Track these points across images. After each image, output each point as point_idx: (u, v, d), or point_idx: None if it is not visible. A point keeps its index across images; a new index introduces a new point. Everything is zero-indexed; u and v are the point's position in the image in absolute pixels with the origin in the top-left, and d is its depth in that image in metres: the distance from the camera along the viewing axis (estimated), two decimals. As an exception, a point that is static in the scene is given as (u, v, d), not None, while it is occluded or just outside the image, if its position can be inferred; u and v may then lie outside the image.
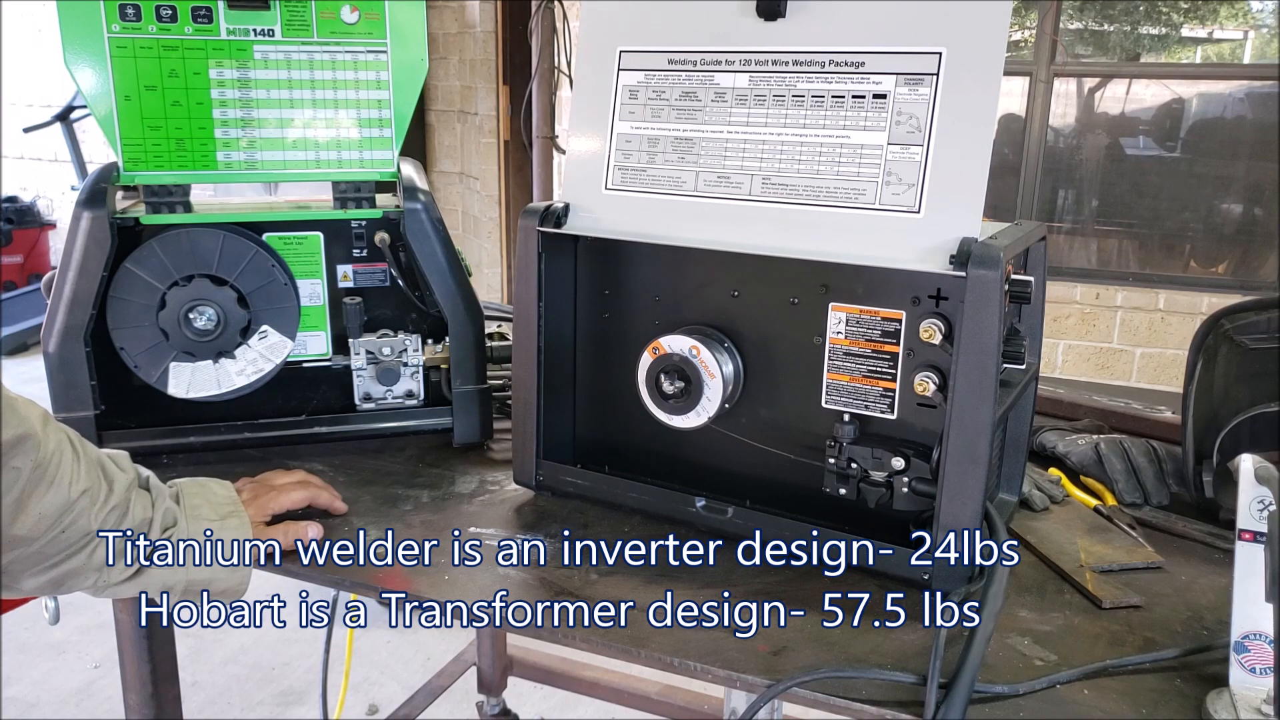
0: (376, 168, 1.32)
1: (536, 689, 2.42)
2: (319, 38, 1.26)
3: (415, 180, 1.31)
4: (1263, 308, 1.15)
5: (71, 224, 1.20)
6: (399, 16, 1.27)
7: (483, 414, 1.35)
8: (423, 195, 1.29)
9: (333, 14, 1.25)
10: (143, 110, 1.22)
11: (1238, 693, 0.83)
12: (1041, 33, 4.21)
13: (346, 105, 1.29)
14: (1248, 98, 4.23)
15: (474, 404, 1.34)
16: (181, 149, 1.24)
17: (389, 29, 1.27)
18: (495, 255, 5.15)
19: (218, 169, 1.27)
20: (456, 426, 1.34)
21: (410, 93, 1.31)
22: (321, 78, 1.27)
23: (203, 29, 1.22)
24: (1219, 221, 4.31)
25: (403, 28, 1.28)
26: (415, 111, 1.31)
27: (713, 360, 1.07)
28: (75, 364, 1.21)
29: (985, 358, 0.92)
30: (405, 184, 1.30)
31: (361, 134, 1.30)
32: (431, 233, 1.29)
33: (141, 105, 1.22)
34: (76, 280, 1.19)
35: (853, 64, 1.00)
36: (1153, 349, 4.08)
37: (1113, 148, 4.47)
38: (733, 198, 1.05)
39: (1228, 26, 5.15)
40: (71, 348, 1.20)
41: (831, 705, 0.85)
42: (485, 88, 5.09)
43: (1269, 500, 0.81)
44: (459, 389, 1.33)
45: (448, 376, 1.35)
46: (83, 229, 1.18)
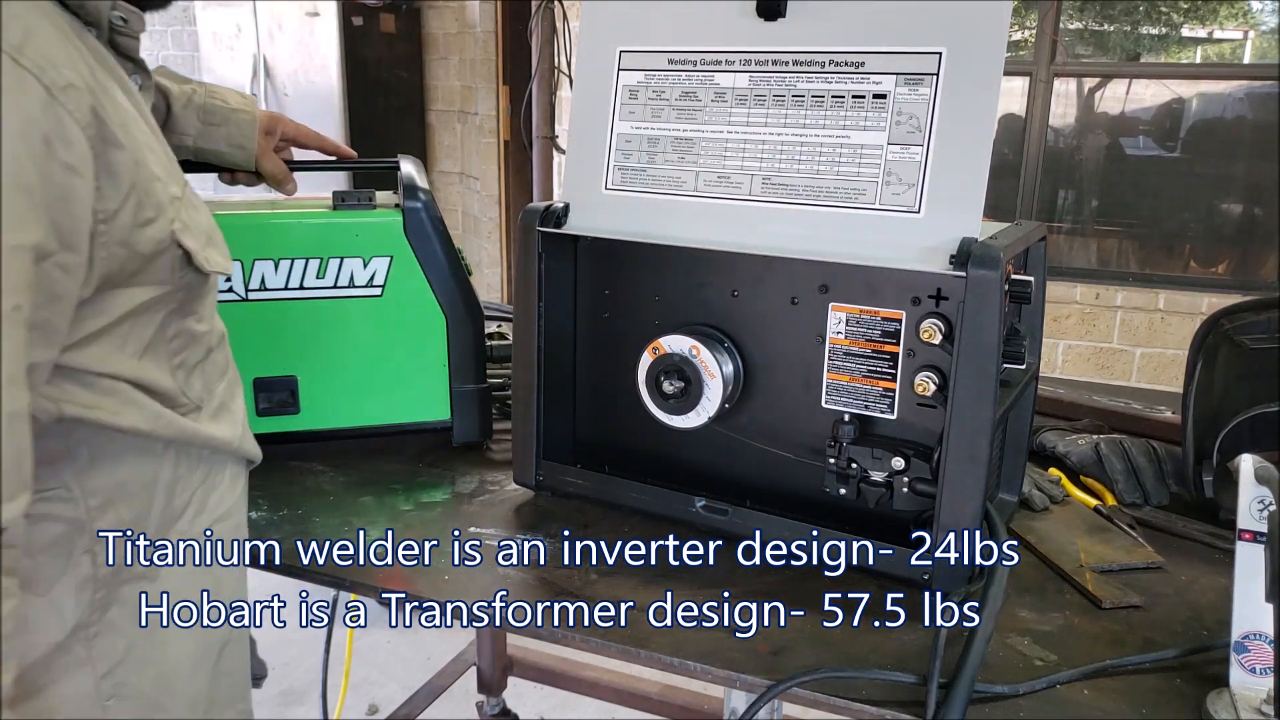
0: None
1: (536, 689, 2.42)
2: None
3: (415, 179, 1.31)
4: (1263, 308, 1.15)
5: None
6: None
7: (482, 413, 1.35)
8: (423, 194, 1.29)
9: None
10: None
11: (1238, 693, 0.83)
12: (1041, 33, 4.21)
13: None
14: (1248, 98, 4.23)
15: (473, 403, 1.34)
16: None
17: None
18: (495, 255, 5.15)
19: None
20: (456, 426, 1.34)
21: None
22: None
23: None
24: (1219, 221, 4.30)
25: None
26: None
27: (713, 360, 1.07)
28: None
29: (985, 358, 0.92)
30: (405, 182, 1.30)
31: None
32: (431, 232, 1.29)
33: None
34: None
35: (853, 64, 1.00)
36: (1153, 349, 4.08)
37: (1113, 148, 4.47)
38: (733, 198, 1.05)
39: (1228, 26, 5.14)
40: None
41: (831, 705, 0.85)
42: (485, 88, 5.09)
43: (1269, 500, 0.81)
44: (458, 388, 1.33)
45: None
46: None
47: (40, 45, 0.66)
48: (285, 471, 1.27)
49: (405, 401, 1.34)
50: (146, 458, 0.81)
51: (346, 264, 1.28)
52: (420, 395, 1.34)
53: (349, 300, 1.29)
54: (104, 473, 0.78)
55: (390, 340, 1.32)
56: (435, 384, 1.34)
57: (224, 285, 1.23)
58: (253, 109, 1.27)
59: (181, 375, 0.83)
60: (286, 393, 1.30)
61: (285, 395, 1.30)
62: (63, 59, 0.68)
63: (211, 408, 0.87)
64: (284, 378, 1.29)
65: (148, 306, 0.78)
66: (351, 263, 1.28)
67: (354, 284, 1.29)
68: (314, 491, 1.23)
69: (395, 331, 1.31)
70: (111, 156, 0.71)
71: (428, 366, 1.33)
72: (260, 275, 1.25)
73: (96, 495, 0.77)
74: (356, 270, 1.28)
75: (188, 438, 0.83)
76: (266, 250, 1.25)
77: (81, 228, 0.69)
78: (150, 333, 0.79)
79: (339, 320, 1.30)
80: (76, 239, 0.69)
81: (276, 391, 1.29)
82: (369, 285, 1.29)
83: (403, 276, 1.29)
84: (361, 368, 1.32)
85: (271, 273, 1.26)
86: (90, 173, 0.69)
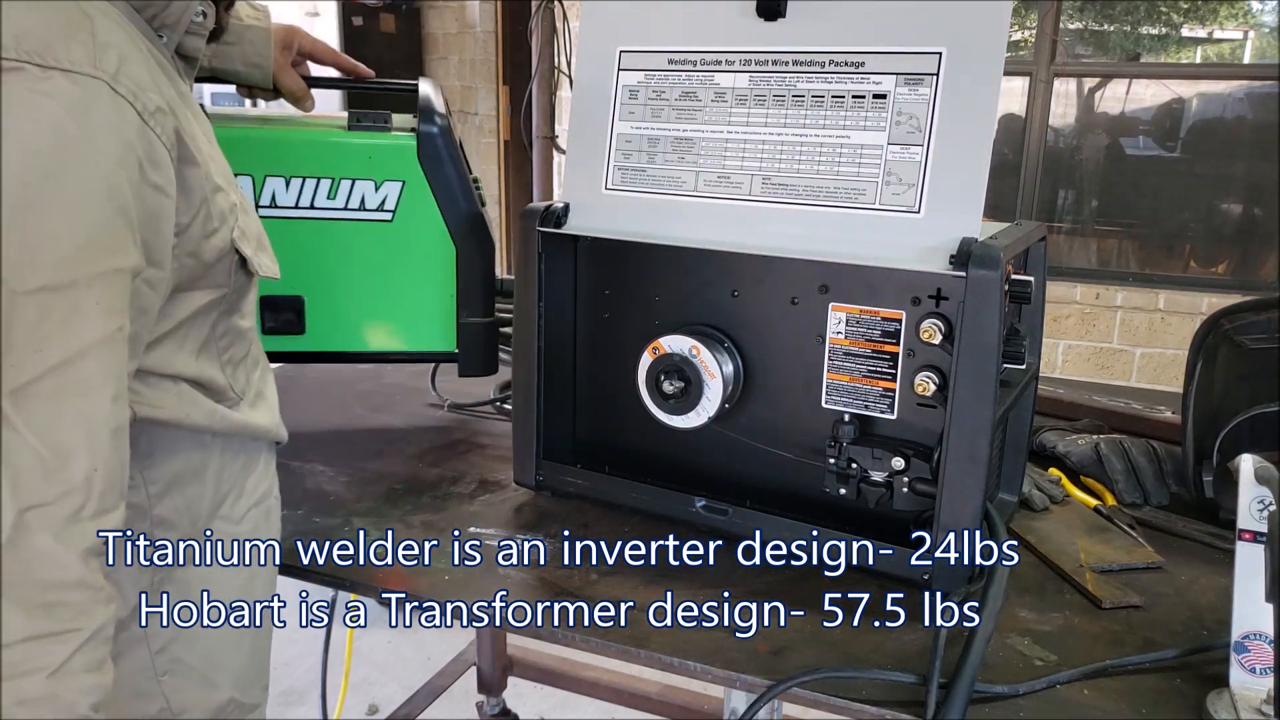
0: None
1: (536, 689, 2.42)
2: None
3: (433, 102, 1.27)
4: (1263, 308, 1.15)
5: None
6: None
7: (488, 347, 1.32)
8: (439, 118, 1.26)
9: None
10: None
11: (1238, 693, 0.83)
12: (1041, 33, 4.21)
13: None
14: (1248, 98, 4.23)
15: (480, 336, 1.31)
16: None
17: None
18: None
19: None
20: (461, 359, 1.32)
21: None
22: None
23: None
24: (1219, 221, 4.31)
25: None
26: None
27: (713, 360, 1.07)
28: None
29: (985, 358, 0.92)
30: (422, 105, 1.27)
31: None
32: (446, 158, 1.26)
33: None
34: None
35: (853, 64, 1.00)
36: (1153, 349, 4.08)
37: (1113, 148, 4.47)
38: (733, 198, 1.05)
39: (1228, 26, 5.14)
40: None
41: (831, 705, 0.85)
42: (485, 88, 5.10)
43: (1269, 500, 0.81)
44: (465, 320, 1.30)
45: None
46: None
47: (132, 70, 0.69)
48: (285, 471, 1.27)
49: (411, 330, 1.33)
50: (198, 449, 0.85)
51: (358, 186, 1.26)
52: (426, 325, 1.32)
53: (359, 224, 1.27)
54: (162, 463, 0.82)
55: (399, 267, 1.29)
56: (442, 314, 1.32)
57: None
58: (266, 22, 1.23)
59: (229, 370, 0.87)
60: (292, 313, 1.28)
61: (291, 315, 1.28)
62: (149, 82, 0.71)
63: (250, 396, 0.90)
64: (290, 297, 1.28)
65: (205, 309, 0.81)
66: (363, 185, 1.26)
67: (365, 207, 1.27)
68: (314, 491, 1.23)
69: (404, 259, 1.29)
70: (187, 173, 0.74)
71: (435, 296, 1.31)
72: (271, 192, 1.24)
73: (156, 483, 0.81)
74: (368, 193, 1.26)
75: (238, 429, 0.87)
76: (278, 167, 1.24)
77: (166, 244, 0.72)
78: (205, 333, 0.83)
79: (348, 243, 1.28)
80: (163, 255, 0.72)
81: (282, 311, 1.28)
82: (380, 210, 1.27)
83: (414, 203, 1.27)
84: (368, 293, 1.30)
85: (282, 190, 1.24)
86: (174, 191, 0.72)
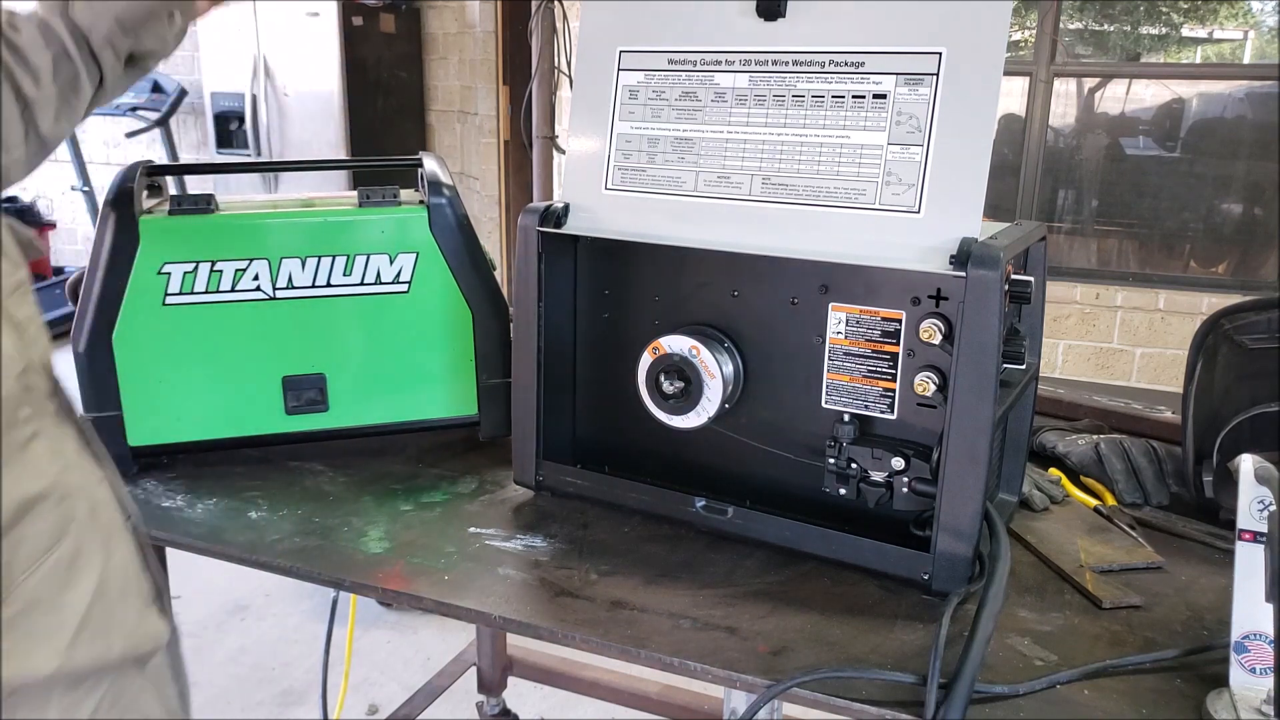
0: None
1: (536, 689, 2.42)
2: None
3: (440, 175, 1.31)
4: (1263, 308, 1.15)
5: (100, 223, 1.21)
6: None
7: (509, 407, 1.33)
8: (447, 190, 1.30)
9: None
10: None
11: (1238, 693, 0.83)
12: (1041, 33, 4.21)
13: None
14: (1248, 98, 4.23)
15: (501, 398, 1.33)
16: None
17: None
18: (495, 255, 5.16)
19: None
20: (483, 421, 1.34)
21: None
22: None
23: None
24: (1219, 221, 4.31)
25: None
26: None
27: (713, 360, 1.07)
28: (105, 363, 1.21)
29: (985, 358, 0.92)
30: (430, 178, 1.30)
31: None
32: (456, 227, 1.29)
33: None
34: (105, 279, 1.20)
35: (853, 64, 1.00)
36: (1153, 349, 4.08)
37: (1113, 148, 4.47)
38: (733, 198, 1.05)
39: (1228, 26, 5.15)
40: (101, 346, 1.21)
41: (831, 705, 0.85)
42: (485, 88, 5.09)
43: (1269, 500, 0.81)
44: (485, 383, 1.33)
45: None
46: (110, 227, 1.20)
47: None
48: (285, 471, 1.28)
49: (433, 398, 1.34)
50: None
51: (373, 260, 1.28)
52: (448, 391, 1.34)
53: (376, 297, 1.29)
54: None
55: (417, 336, 1.32)
56: (463, 379, 1.34)
57: (252, 284, 1.24)
58: None
59: None
60: (315, 391, 1.30)
61: (314, 393, 1.30)
62: None
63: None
64: (312, 375, 1.29)
65: None
66: (378, 259, 1.28)
67: (380, 280, 1.29)
68: (314, 491, 1.23)
69: (422, 327, 1.32)
70: None
71: (455, 362, 1.33)
72: (288, 274, 1.26)
73: None
74: (383, 267, 1.29)
75: None
76: (293, 248, 1.25)
77: None
78: None
79: (366, 317, 1.30)
80: None
81: (305, 390, 1.29)
82: (395, 282, 1.29)
83: (429, 272, 1.30)
84: (389, 364, 1.32)
85: (299, 270, 1.26)
86: None
